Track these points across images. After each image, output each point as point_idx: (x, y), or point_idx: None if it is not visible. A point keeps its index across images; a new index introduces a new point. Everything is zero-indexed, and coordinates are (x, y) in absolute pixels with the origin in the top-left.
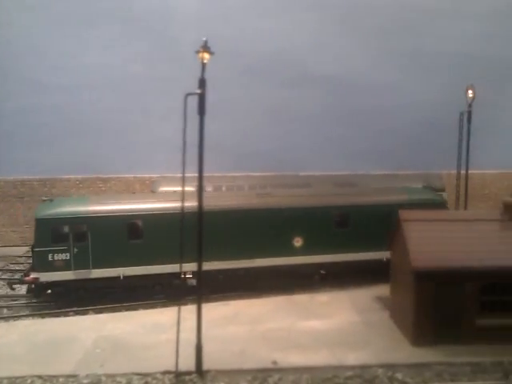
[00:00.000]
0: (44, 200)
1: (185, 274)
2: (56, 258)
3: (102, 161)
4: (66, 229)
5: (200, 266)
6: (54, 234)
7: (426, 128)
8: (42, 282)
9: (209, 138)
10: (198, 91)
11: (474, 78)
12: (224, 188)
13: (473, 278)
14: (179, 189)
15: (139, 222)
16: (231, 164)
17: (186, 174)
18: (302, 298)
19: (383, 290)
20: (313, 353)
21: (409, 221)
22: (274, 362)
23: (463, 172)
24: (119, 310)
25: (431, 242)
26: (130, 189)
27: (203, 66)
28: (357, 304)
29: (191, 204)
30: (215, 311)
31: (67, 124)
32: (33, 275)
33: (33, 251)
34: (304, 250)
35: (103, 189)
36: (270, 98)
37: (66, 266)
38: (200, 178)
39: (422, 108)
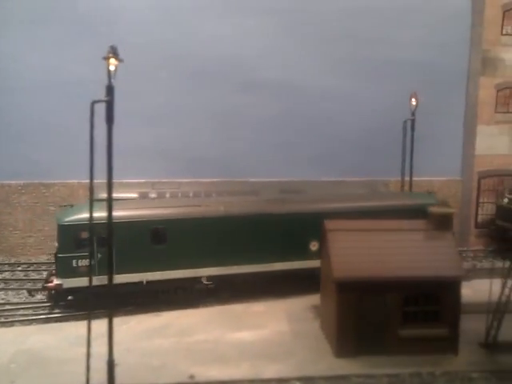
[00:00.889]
0: (63, 206)
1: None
2: (80, 263)
3: (45, 166)
4: (90, 235)
5: (110, 279)
6: (78, 240)
7: (374, 135)
8: (63, 289)
9: (155, 143)
10: (106, 98)
11: (422, 86)
12: (168, 194)
13: (396, 288)
14: (121, 195)
15: (163, 228)
16: (179, 170)
17: (130, 180)
18: (237, 308)
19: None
20: (234, 366)
21: (333, 230)
22: (191, 377)
23: (412, 179)
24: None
25: (355, 252)
26: (74, 194)
27: (109, 72)
28: (291, 313)
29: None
30: (145, 323)
31: (7, 127)
32: (56, 281)
33: (56, 257)
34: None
35: (46, 194)
36: (219, 103)
37: (88, 271)
38: (109, 186)
39: (371, 115)
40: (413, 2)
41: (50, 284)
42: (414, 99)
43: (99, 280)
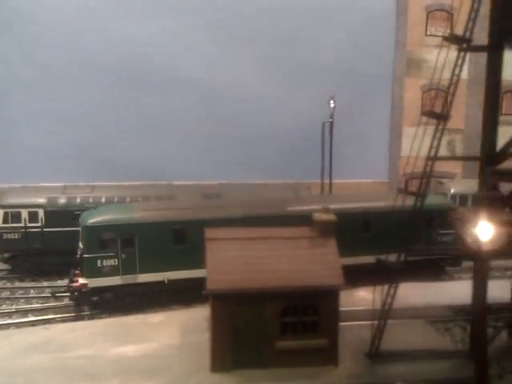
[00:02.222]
0: (88, 208)
1: None
2: (105, 263)
3: None
4: (114, 235)
5: None
6: (103, 241)
7: (298, 136)
8: (88, 289)
9: (71, 145)
10: None
11: (348, 87)
12: (78, 199)
13: (273, 299)
14: (24, 201)
15: (183, 228)
16: (96, 172)
17: (43, 184)
18: (133, 320)
19: None
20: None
21: (212, 239)
22: None
23: (339, 181)
24: None
25: (233, 262)
26: None
27: None
28: (188, 324)
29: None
30: (30, 335)
31: None
32: (81, 281)
33: (82, 258)
34: None
35: None
36: (139, 103)
37: (114, 271)
38: None
39: (295, 116)
40: (337, 2)
41: (75, 284)
42: (332, 101)
43: (123, 279)
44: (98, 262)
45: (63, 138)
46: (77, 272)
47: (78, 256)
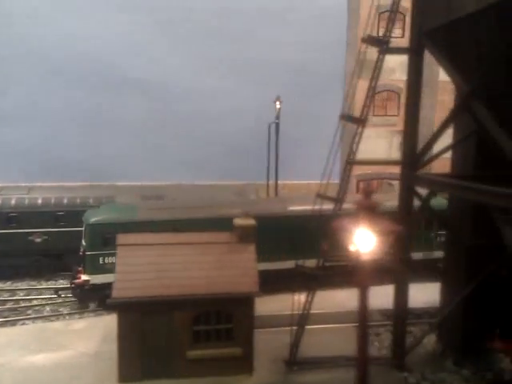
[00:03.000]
0: (91, 206)
1: None
2: (107, 261)
3: None
4: (116, 233)
5: None
6: (105, 239)
7: (247, 138)
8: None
9: (10, 144)
10: None
11: (299, 87)
12: (13, 201)
13: (183, 307)
14: None
15: (183, 227)
16: (36, 173)
17: None
18: (56, 325)
19: None
20: None
21: (124, 245)
22: None
23: (290, 182)
24: None
25: (143, 269)
26: None
27: None
28: (111, 331)
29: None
30: None
31: None
32: (84, 277)
33: (84, 255)
34: None
35: None
36: (84, 102)
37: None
38: None
39: (244, 117)
40: (289, 1)
41: (77, 281)
42: (278, 102)
43: None
44: (100, 259)
45: (4, 137)
46: (79, 269)
47: (81, 253)
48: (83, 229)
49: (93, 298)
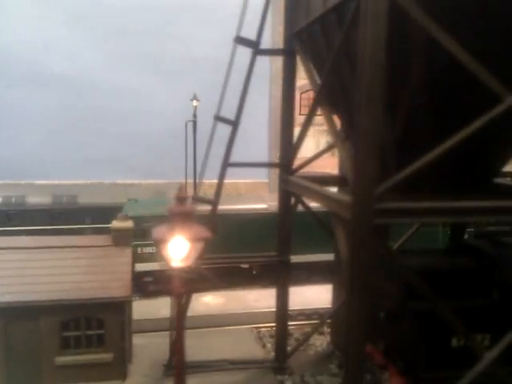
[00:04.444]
0: (129, 200)
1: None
2: (144, 251)
3: None
4: (152, 225)
5: None
6: (142, 230)
7: (169, 135)
8: None
9: None
10: None
11: (217, 85)
12: None
13: (50, 312)
14: None
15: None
16: None
17: None
18: None
19: None
20: None
21: None
22: None
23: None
24: None
25: (9, 274)
26: None
27: None
28: None
29: None
30: None
31: None
32: None
33: None
34: None
35: None
36: None
37: (152, 258)
38: None
39: (166, 114)
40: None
41: None
42: (194, 101)
43: (160, 265)
44: (138, 249)
45: None
46: None
47: None
48: None
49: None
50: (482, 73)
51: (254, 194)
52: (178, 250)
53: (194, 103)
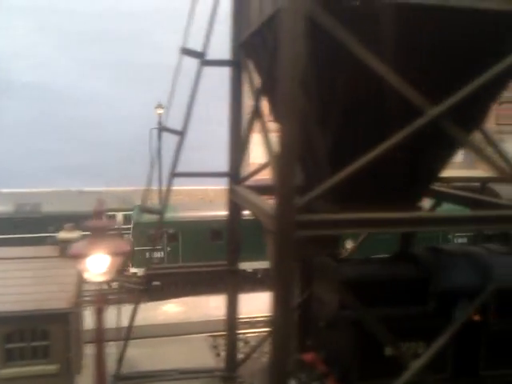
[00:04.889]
0: (137, 206)
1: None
2: (153, 255)
3: None
4: (161, 231)
5: None
6: (151, 236)
7: (138, 142)
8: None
9: None
10: None
11: (186, 91)
12: None
13: None
14: None
15: (220, 227)
16: None
17: None
18: None
19: None
20: None
21: None
22: None
23: (186, 188)
24: None
25: None
26: None
27: None
28: None
29: None
30: None
31: None
32: (132, 270)
33: (133, 250)
34: None
35: None
36: None
37: (160, 262)
38: None
39: (132, 121)
40: (177, 5)
41: (126, 273)
42: (160, 108)
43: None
44: (147, 253)
45: None
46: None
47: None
48: (131, 227)
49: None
50: (402, 87)
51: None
52: (97, 264)
53: (159, 111)
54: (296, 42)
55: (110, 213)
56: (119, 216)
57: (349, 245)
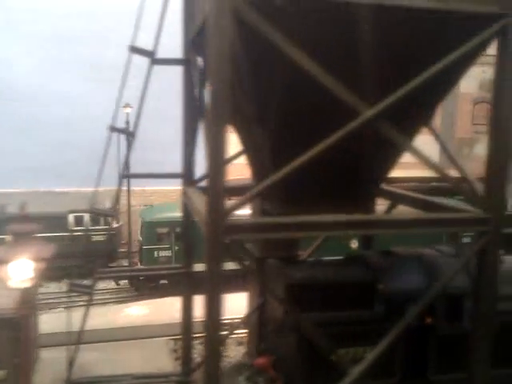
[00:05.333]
0: (145, 206)
1: None
2: (160, 254)
3: None
4: (169, 230)
5: None
6: (159, 235)
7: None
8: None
9: None
10: None
11: (156, 91)
12: None
13: None
14: None
15: None
16: None
17: None
18: None
19: None
20: None
21: None
22: None
23: (149, 189)
24: None
25: None
26: None
27: None
28: None
29: None
30: None
31: None
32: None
33: (141, 249)
34: None
35: None
36: None
37: (168, 261)
38: None
39: (101, 121)
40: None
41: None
42: (127, 108)
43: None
44: (155, 252)
45: None
46: (136, 261)
47: (138, 248)
48: (140, 225)
49: (147, 287)
50: (336, 88)
51: None
52: (20, 270)
53: (126, 110)
54: (222, 38)
55: (77, 214)
56: (86, 217)
57: (354, 244)
